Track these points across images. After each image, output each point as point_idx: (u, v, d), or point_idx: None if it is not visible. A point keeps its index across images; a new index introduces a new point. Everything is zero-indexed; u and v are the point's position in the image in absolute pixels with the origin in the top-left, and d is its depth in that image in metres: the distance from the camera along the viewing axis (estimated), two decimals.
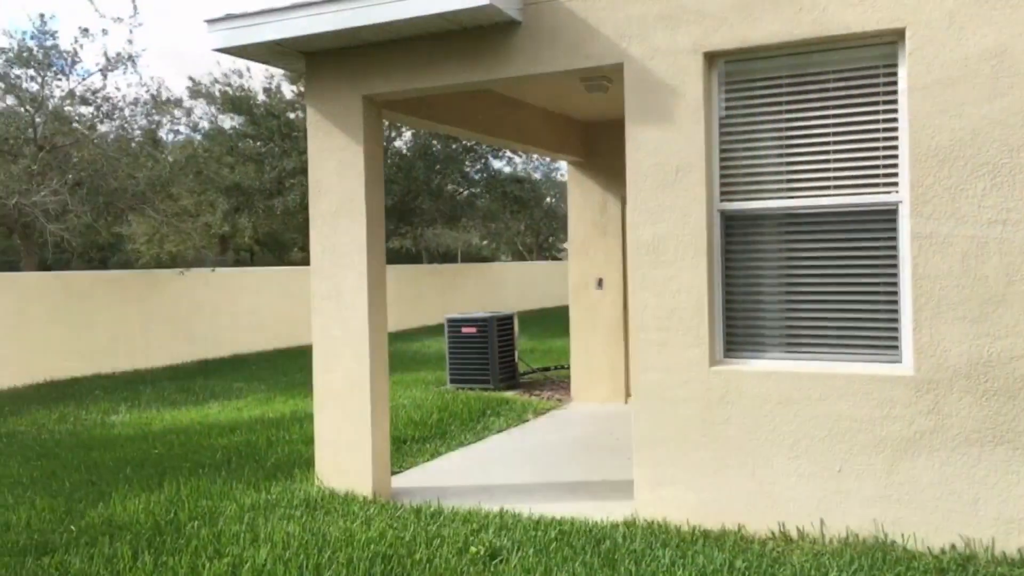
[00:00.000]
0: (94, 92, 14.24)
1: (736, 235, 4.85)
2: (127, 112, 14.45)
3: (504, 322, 10.81)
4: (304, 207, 19.55)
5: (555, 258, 40.16)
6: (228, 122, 20.03)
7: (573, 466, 6.67)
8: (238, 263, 33.62)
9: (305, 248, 43.65)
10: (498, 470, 6.63)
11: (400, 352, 15.32)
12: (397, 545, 4.58)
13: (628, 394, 9.31)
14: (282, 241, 39.05)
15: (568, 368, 11.62)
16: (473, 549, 4.45)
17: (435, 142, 20.65)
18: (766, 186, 4.78)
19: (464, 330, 10.67)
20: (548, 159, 29.17)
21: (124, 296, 14.31)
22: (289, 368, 13.82)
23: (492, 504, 5.50)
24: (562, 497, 5.73)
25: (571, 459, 6.92)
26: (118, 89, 17.20)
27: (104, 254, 35.33)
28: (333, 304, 5.83)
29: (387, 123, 21.28)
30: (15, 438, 8.79)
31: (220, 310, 15.99)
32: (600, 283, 9.38)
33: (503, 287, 26.02)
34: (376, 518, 5.14)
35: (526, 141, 8.33)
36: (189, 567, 4.40)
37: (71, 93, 14.01)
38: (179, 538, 4.88)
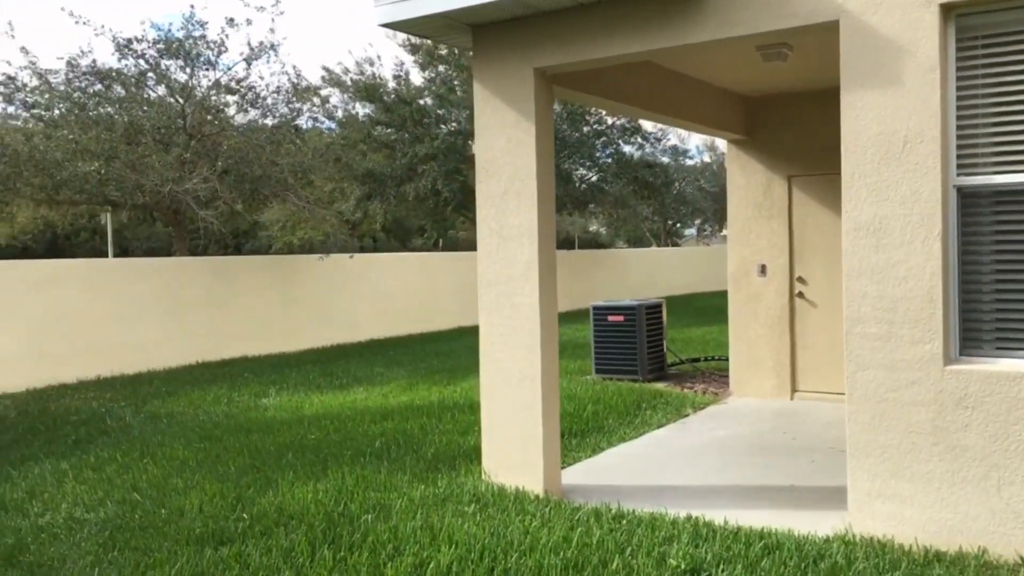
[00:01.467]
0: (238, 81, 14.56)
1: (976, 214, 4.22)
2: (269, 100, 14.73)
3: (652, 310, 10.31)
4: (435, 192, 19.56)
5: (676, 244, 39.08)
6: (360, 110, 20.26)
7: (751, 468, 6.15)
8: (362, 250, 34.32)
9: (427, 234, 44.19)
10: (669, 469, 6.19)
11: None
12: (587, 552, 4.22)
13: (795, 389, 8.66)
14: (406, 227, 39.62)
15: (719, 360, 11.03)
16: (672, 562, 4.04)
17: (564, 126, 20.23)
18: (1015, 157, 4.11)
19: (610, 318, 10.25)
20: (677, 145, 28.20)
21: (267, 280, 14.64)
22: (425, 354, 13.78)
23: (672, 507, 5.07)
24: (750, 503, 5.24)
25: (747, 460, 6.39)
26: (261, 78, 17.56)
27: (239, 240, 36.81)
28: (501, 290, 5.52)
29: None
30: (175, 419, 9.00)
31: (357, 295, 16.17)
32: (763, 270, 8.75)
33: (631, 274, 25.40)
34: (554, 519, 4.80)
35: (686, 117, 7.79)
36: (370, 565, 4.19)
37: (217, 83, 14.38)
38: (354, 532, 4.70)
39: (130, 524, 5.12)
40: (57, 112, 13.04)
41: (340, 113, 19.93)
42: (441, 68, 19.82)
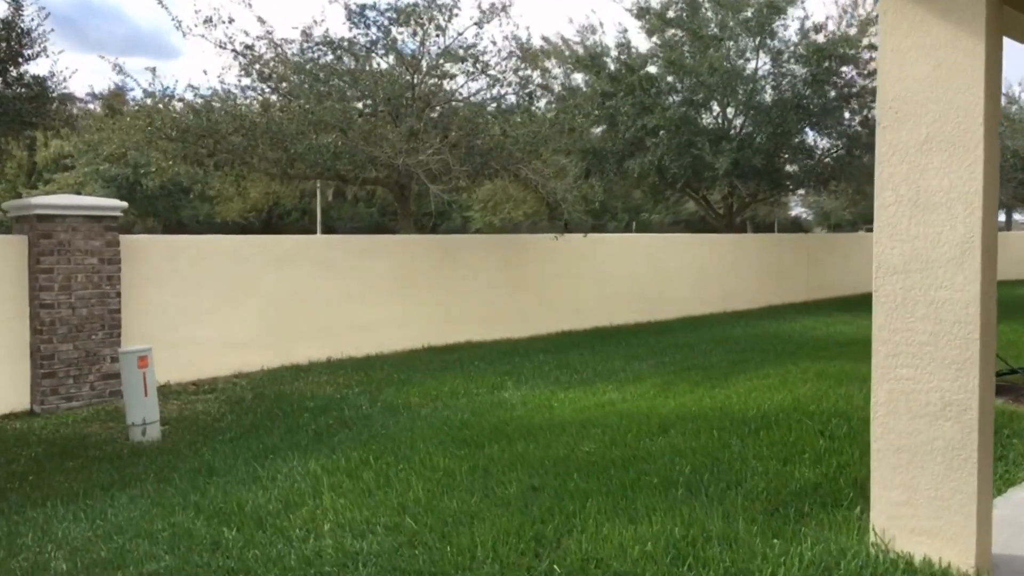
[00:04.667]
0: (467, 48, 13.63)
1: None
2: (498, 68, 13.69)
3: None
4: (660, 169, 17.96)
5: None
6: (581, 80, 18.95)
7: None
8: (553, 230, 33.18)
9: (619, 216, 42.41)
10: None
11: (780, 333, 13.18)
12: None
13: None
14: (606, 208, 38.07)
15: None
16: None
17: (807, 90, 17.90)
18: None
19: None
20: None
21: (491, 260, 13.68)
22: (663, 347, 12.26)
23: None
24: None
25: None
26: (494, 43, 16.63)
27: (435, 221, 36.74)
28: (913, 281, 3.92)
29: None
30: (415, 412, 8.10)
31: (581, 278, 14.92)
32: None
33: (869, 260, 22.59)
34: None
35: None
36: None
37: (446, 50, 13.51)
38: None
39: (415, 567, 4.03)
40: (292, 83, 12.63)
41: (558, 85, 18.68)
42: (670, 32, 18.11)
